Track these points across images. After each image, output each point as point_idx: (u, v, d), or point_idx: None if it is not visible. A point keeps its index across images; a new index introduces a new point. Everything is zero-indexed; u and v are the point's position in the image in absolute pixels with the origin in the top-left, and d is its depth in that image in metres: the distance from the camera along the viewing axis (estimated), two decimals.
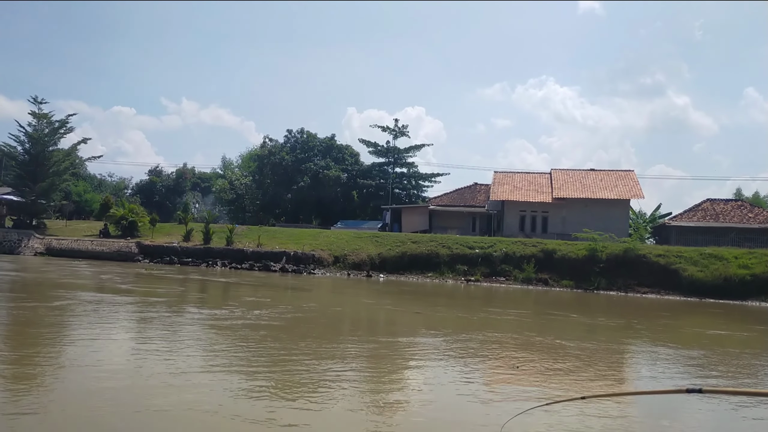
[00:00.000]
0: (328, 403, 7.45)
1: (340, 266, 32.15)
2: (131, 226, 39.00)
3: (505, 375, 10.03)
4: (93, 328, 11.92)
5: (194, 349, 10.55)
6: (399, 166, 57.45)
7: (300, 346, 11.04)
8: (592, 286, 29.22)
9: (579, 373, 10.32)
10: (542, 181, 45.41)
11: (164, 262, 32.96)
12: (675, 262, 29.57)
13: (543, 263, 30.83)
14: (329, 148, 58.56)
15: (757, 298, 27.13)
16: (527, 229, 42.18)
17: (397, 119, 56.93)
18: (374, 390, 8.45)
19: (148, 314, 14.37)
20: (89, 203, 65.06)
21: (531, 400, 8.07)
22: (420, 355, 11.31)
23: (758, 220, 44.02)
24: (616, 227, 36.93)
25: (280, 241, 35.09)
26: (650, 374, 10.95)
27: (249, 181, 61.21)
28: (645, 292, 28.69)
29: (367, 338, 12.84)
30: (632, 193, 42.30)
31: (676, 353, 13.10)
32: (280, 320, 14.19)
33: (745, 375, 11.21)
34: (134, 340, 11.13)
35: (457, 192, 51.34)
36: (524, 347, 12.73)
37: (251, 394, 7.62)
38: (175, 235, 37.34)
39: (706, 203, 46.64)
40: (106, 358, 9.29)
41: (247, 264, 32.19)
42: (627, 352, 13.82)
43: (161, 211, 57.04)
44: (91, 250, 34.76)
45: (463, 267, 31.50)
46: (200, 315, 14.90)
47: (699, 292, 27.81)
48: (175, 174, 72.79)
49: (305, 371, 9.03)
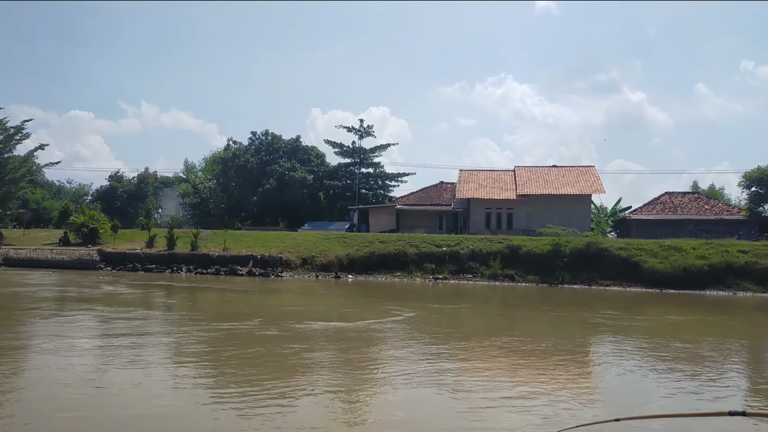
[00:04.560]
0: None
1: (309, 268, 32.01)
2: (92, 233, 38.05)
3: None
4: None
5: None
6: (365, 167, 57.47)
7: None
8: (557, 280, 29.72)
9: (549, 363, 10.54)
10: (506, 178, 46.02)
11: (127, 269, 32.26)
12: (636, 255, 30.29)
13: (509, 259, 31.22)
14: (295, 149, 58.20)
15: (714, 287, 27.96)
16: (493, 226, 42.69)
17: (362, 119, 57.16)
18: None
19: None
20: (48, 211, 63.44)
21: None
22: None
23: (714, 211, 45.49)
24: (579, 222, 37.63)
25: (247, 245, 34.75)
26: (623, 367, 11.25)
27: (213, 185, 60.36)
28: (608, 284, 29.31)
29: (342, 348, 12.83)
30: (593, 188, 43.22)
31: (641, 344, 13.48)
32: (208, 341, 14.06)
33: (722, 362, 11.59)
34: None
35: (424, 191, 51.67)
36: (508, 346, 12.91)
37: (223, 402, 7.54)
38: (138, 241, 36.60)
39: (664, 196, 47.98)
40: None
41: (213, 269, 31.78)
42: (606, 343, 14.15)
43: (123, 218, 55.83)
44: (50, 259, 33.78)
45: (431, 265, 31.69)
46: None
47: (659, 284, 28.52)
48: (137, 179, 71.29)
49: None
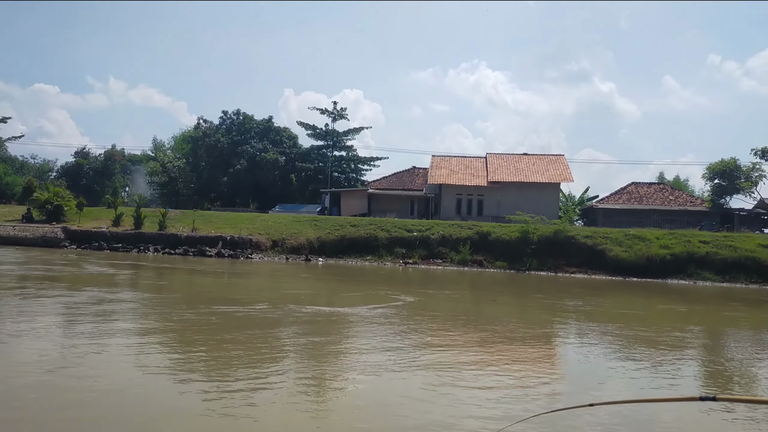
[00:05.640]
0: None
1: (279, 250, 31.89)
2: (57, 210, 37.21)
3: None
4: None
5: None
6: (338, 150, 57.18)
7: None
8: (524, 266, 30.21)
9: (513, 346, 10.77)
10: (478, 165, 46.35)
11: (93, 248, 31.70)
12: (601, 243, 30.93)
13: (478, 245, 31.58)
14: (266, 130, 57.58)
15: (676, 276, 28.80)
16: (464, 212, 43.06)
17: (335, 102, 56.41)
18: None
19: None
20: (10, 186, 61.93)
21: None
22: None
23: (678, 202, 46.65)
24: (548, 210, 38.22)
25: (216, 226, 34.42)
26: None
27: (182, 164, 59.41)
28: (573, 272, 29.92)
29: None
30: (562, 177, 43.85)
31: (600, 329, 13.85)
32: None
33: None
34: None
35: (396, 176, 51.77)
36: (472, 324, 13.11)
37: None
38: (104, 219, 35.94)
39: (630, 186, 48.99)
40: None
41: (182, 249, 31.44)
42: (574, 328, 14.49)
43: (89, 195, 54.73)
44: (13, 236, 32.99)
45: (401, 250, 31.88)
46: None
47: (624, 272, 29.22)
48: (104, 156, 69.80)
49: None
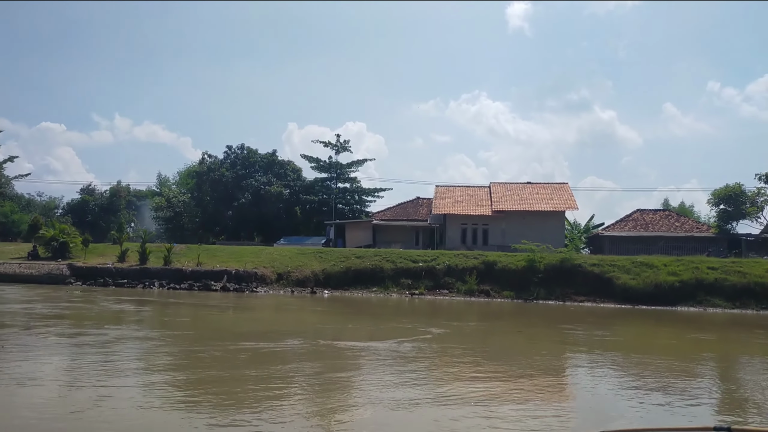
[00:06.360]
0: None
1: (284, 283, 31.75)
2: (62, 247, 37.23)
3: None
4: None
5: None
6: (342, 182, 57.38)
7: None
8: (532, 296, 29.91)
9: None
10: (482, 194, 46.41)
11: (98, 284, 31.64)
12: (609, 271, 30.66)
13: (484, 275, 31.37)
14: (271, 163, 57.89)
15: (685, 303, 28.39)
16: (469, 241, 42.93)
17: (338, 135, 56.91)
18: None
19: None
20: (17, 224, 62.08)
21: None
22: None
23: (684, 228, 46.46)
24: (553, 238, 38.04)
25: (221, 260, 34.35)
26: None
27: (187, 199, 59.62)
28: (581, 300, 29.60)
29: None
30: (567, 205, 43.82)
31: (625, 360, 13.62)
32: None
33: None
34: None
35: (400, 206, 51.81)
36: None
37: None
38: (110, 255, 35.94)
39: (636, 213, 48.88)
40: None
41: (186, 284, 31.32)
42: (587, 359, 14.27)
43: (95, 232, 54.80)
44: (19, 274, 32.98)
45: (407, 281, 31.68)
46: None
47: (632, 300, 28.85)
48: (109, 192, 70.13)
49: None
